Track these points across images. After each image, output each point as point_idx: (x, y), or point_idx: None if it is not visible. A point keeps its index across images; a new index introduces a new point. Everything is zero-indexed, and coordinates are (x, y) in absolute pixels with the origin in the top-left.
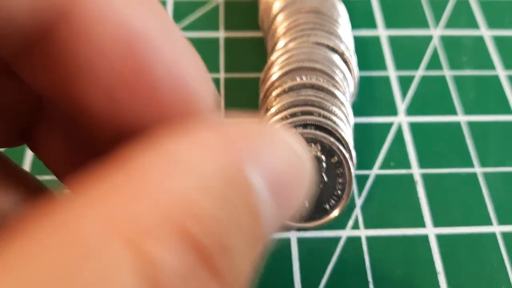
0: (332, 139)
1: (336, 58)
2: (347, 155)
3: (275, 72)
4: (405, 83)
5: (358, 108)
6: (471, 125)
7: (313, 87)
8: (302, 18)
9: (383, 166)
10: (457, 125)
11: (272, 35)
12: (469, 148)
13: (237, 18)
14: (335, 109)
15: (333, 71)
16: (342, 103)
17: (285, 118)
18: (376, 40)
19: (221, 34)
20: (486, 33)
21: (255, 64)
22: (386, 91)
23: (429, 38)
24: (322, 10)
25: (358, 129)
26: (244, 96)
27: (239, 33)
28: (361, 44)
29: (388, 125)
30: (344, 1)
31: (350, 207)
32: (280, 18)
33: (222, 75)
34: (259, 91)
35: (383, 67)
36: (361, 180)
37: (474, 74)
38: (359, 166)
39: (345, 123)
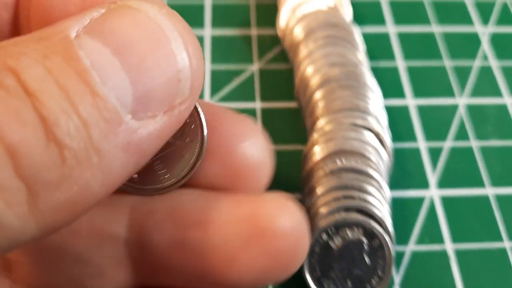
0: (372, 222)
1: (371, 138)
2: (387, 238)
3: (317, 153)
4: (434, 154)
5: (392, 181)
6: (499, 198)
7: (352, 170)
8: (338, 99)
9: (418, 242)
10: (485, 198)
11: (310, 112)
12: (498, 221)
13: (273, 87)
14: (374, 191)
15: (369, 152)
16: (380, 186)
17: (328, 202)
18: (405, 109)
19: (257, 105)
20: (509, 101)
21: (292, 135)
22: (417, 163)
23: (455, 107)
24: (357, 89)
25: (392, 203)
26: (282, 169)
27: (275, 103)
28: (390, 114)
29: (420, 199)
30: (373, 69)
31: (389, 284)
32: (318, 95)
33: None
34: (301, 168)
35: (413, 138)
36: (398, 256)
37: (499, 144)
38: (396, 242)
39: (383, 204)
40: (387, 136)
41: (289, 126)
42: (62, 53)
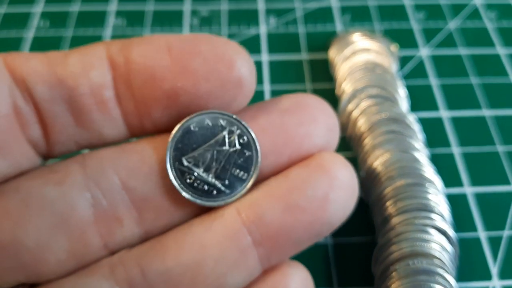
0: None
1: (439, 237)
2: None
3: (391, 255)
4: (494, 244)
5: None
6: None
7: (424, 272)
8: (408, 198)
9: None
10: None
11: (380, 209)
12: None
13: None
14: None
15: (438, 252)
16: (450, 284)
17: None
18: (463, 197)
19: None
20: None
21: (359, 226)
22: (478, 253)
23: (510, 195)
24: (423, 186)
25: None
26: (352, 262)
27: None
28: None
29: None
30: (431, 156)
31: None
32: (387, 193)
33: None
34: (373, 265)
35: (472, 227)
36: None
37: None
38: None
39: None
40: (452, 232)
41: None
42: None
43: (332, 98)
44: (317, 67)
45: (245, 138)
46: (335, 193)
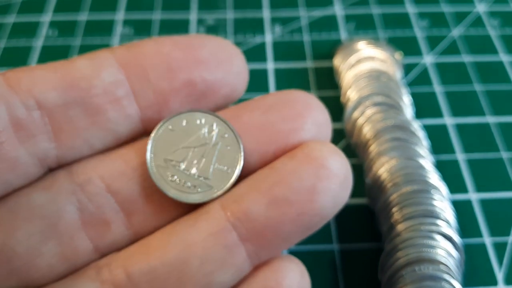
0: None
1: (445, 243)
2: None
3: (397, 261)
4: (499, 249)
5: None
6: None
7: (430, 277)
8: (413, 205)
9: None
10: None
11: (386, 215)
12: None
13: None
14: None
15: (444, 258)
16: None
17: None
18: (468, 203)
19: None
20: None
21: (365, 233)
22: (483, 259)
23: None
24: (429, 193)
25: None
26: (358, 269)
27: None
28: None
29: None
30: (436, 163)
31: None
32: (392, 199)
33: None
34: (380, 271)
35: (477, 233)
36: None
37: None
38: None
39: None
40: (457, 237)
41: (360, 223)
42: None
43: (337, 105)
44: (322, 75)
45: (226, 133)
46: (324, 183)
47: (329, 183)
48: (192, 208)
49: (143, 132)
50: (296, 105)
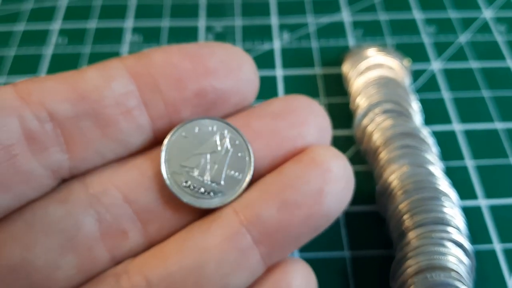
0: None
1: (456, 250)
2: None
3: (408, 269)
4: (510, 255)
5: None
6: None
7: (442, 285)
8: (423, 212)
9: None
10: None
11: (396, 223)
12: None
13: None
14: None
15: (455, 265)
16: None
17: None
18: (477, 210)
19: None
20: None
21: (374, 239)
22: (494, 265)
23: None
24: (439, 200)
25: None
26: (369, 276)
27: (355, 207)
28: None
29: None
30: (445, 169)
31: None
32: (403, 207)
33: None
34: (391, 279)
35: (488, 240)
36: None
37: None
38: None
39: None
40: (468, 244)
41: (371, 230)
42: None
43: (346, 112)
44: (331, 81)
45: (237, 140)
46: (330, 186)
47: (335, 186)
48: (204, 213)
49: (154, 142)
50: (301, 112)
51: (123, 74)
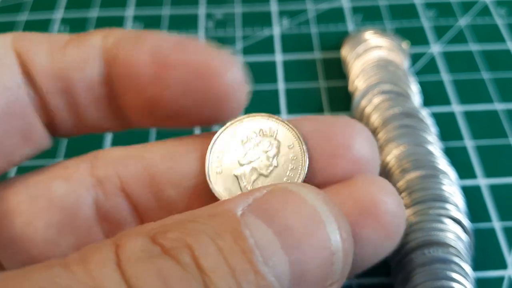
0: None
1: (454, 227)
2: None
3: (406, 244)
4: (509, 233)
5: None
6: None
7: (440, 260)
8: (422, 190)
9: None
10: None
11: None
12: None
13: None
14: (461, 278)
15: (454, 241)
16: (466, 273)
17: None
18: (477, 189)
19: None
20: None
21: None
22: (493, 243)
23: None
24: (437, 177)
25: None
26: None
27: None
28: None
29: (500, 279)
30: (444, 150)
31: None
32: (401, 185)
33: None
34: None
35: (487, 217)
36: None
37: None
38: None
39: None
40: (467, 221)
41: None
42: (231, 232)
43: (346, 95)
44: (330, 65)
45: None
46: (386, 241)
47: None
48: None
49: (127, 127)
50: (355, 126)
51: (97, 58)
